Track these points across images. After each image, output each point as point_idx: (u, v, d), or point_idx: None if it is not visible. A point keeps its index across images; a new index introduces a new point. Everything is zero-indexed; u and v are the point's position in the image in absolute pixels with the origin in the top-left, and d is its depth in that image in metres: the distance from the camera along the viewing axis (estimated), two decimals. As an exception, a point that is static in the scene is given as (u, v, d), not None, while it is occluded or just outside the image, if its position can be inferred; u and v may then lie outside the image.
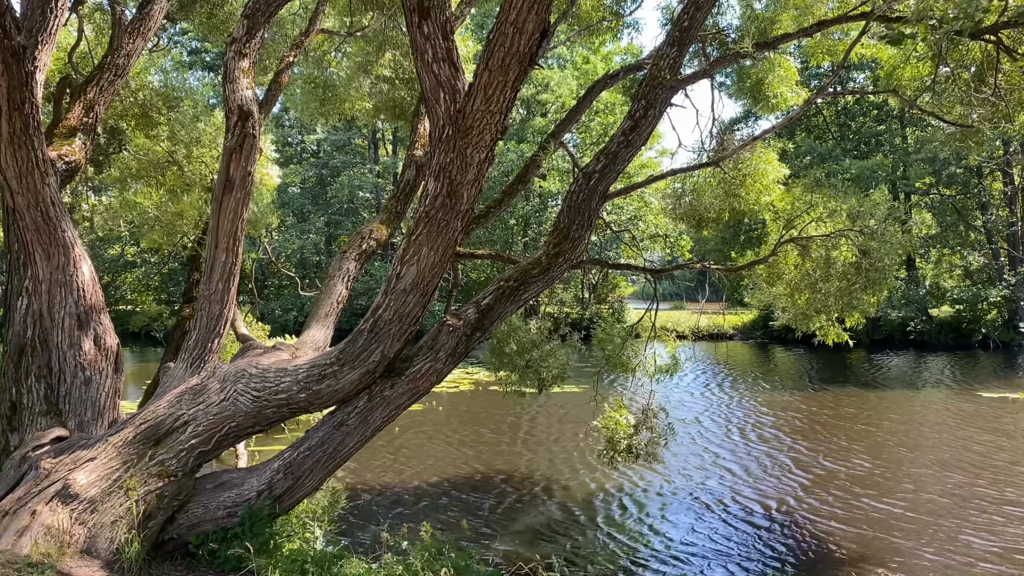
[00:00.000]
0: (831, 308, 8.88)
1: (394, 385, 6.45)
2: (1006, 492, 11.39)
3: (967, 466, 12.89)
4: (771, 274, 9.35)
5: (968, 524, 10.06)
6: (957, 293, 32.49)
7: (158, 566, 5.62)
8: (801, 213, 8.85)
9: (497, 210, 9.70)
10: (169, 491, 5.77)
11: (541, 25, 4.79)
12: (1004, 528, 9.90)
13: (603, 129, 37.74)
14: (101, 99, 8.02)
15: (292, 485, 6.32)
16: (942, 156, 30.12)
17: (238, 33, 6.68)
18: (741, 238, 34.78)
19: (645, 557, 9.23)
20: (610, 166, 6.69)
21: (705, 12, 6.67)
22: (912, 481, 12.10)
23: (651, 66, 6.71)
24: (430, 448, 14.59)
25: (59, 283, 6.39)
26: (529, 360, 9.40)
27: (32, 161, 5.80)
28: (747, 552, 9.34)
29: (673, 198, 9.90)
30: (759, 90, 10.41)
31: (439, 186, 5.54)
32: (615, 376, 19.20)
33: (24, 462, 5.72)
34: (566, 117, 10.89)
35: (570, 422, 16.79)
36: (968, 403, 18.86)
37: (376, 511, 10.78)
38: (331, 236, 41.50)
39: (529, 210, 37.80)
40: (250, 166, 6.47)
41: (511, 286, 6.74)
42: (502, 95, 5.06)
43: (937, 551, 9.16)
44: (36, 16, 6.95)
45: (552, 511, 10.86)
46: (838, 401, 19.53)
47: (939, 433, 15.65)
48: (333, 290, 8.59)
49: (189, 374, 6.43)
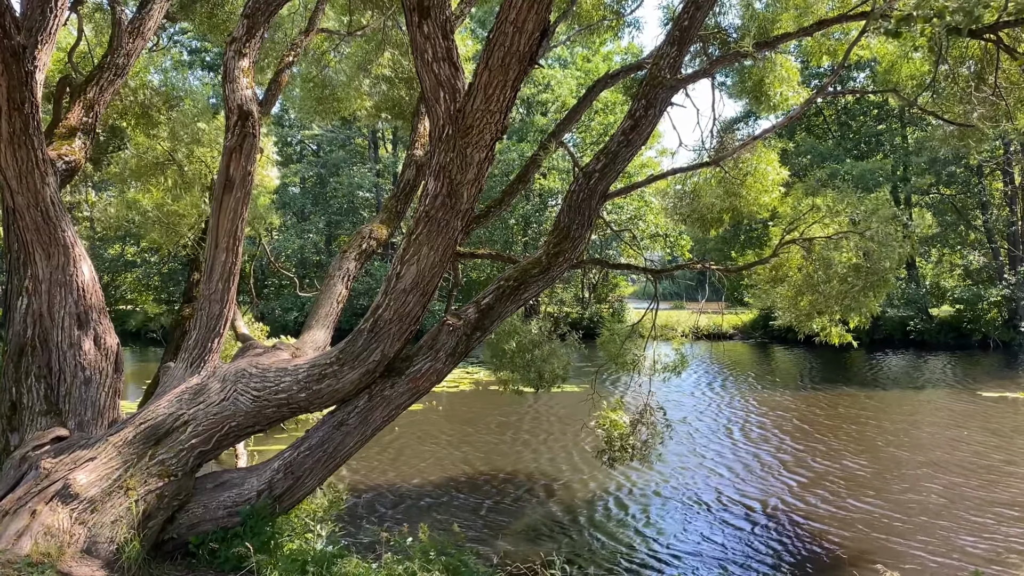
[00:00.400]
0: (833, 310, 8.87)
1: (394, 385, 6.44)
2: (1003, 492, 11.39)
3: (965, 466, 12.89)
4: (773, 277, 9.34)
5: (965, 523, 10.06)
6: (957, 293, 32.49)
7: (158, 566, 5.61)
8: (803, 215, 8.84)
9: (497, 210, 9.70)
10: (169, 491, 5.77)
11: (541, 24, 4.79)
12: (1000, 527, 9.89)
13: (603, 128, 37.74)
14: (101, 99, 8.01)
15: (292, 485, 6.32)
16: (942, 155, 30.12)
17: (238, 32, 6.68)
18: (741, 238, 34.77)
19: (645, 557, 9.23)
20: (610, 165, 6.68)
21: (705, 11, 6.67)
22: (910, 480, 12.10)
23: (651, 65, 6.71)
24: (430, 447, 14.59)
25: (59, 283, 6.38)
26: (529, 359, 9.40)
27: (32, 161, 5.80)
28: (745, 551, 9.35)
29: (673, 199, 9.89)
30: (760, 89, 10.41)
31: (439, 186, 5.54)
32: (614, 375, 19.22)
33: (24, 462, 5.71)
34: (566, 116, 10.89)
35: (570, 421, 16.79)
36: (968, 403, 18.86)
37: (376, 511, 10.78)
38: (331, 236, 41.49)
39: (529, 210, 37.80)
40: (250, 165, 6.46)
41: (511, 286, 6.74)
42: (502, 94, 5.05)
43: (934, 550, 9.16)
44: (36, 16, 6.94)
45: (552, 510, 10.86)
46: (837, 401, 19.52)
47: (938, 433, 15.65)
48: (333, 290, 8.59)
49: (189, 374, 6.43)
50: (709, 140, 10.36)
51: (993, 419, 16.72)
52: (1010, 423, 16.26)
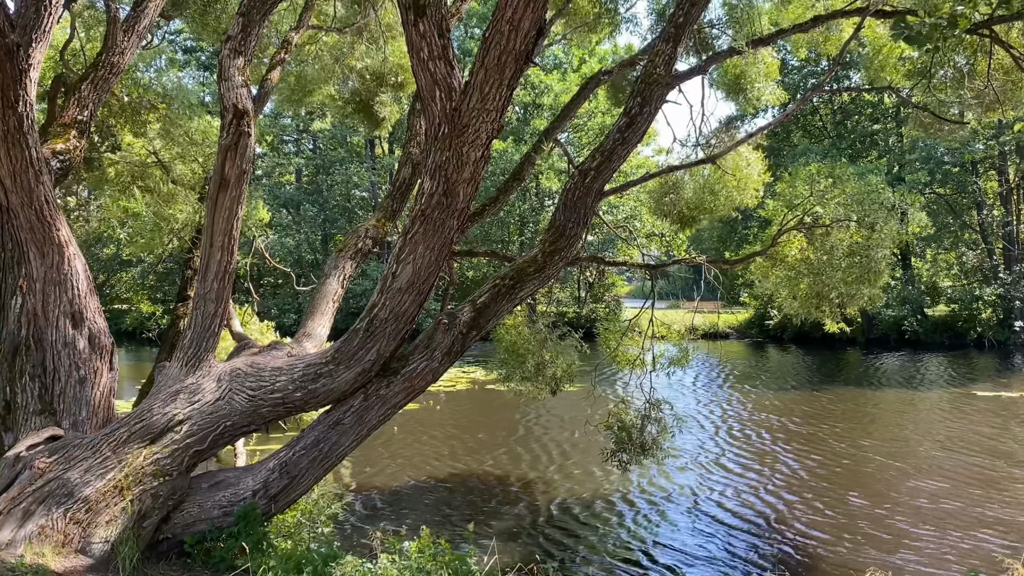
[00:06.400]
0: (831, 295, 8.80)
1: (390, 384, 6.43)
2: (998, 492, 11.42)
3: (960, 465, 12.92)
4: (772, 262, 9.26)
5: (959, 524, 10.08)
6: (952, 292, 32.55)
7: (153, 566, 5.59)
8: (803, 200, 8.79)
9: (492, 207, 9.69)
10: (164, 490, 5.75)
11: (537, 23, 4.78)
12: (995, 528, 9.92)
13: (600, 128, 37.76)
14: (96, 97, 7.98)
15: (288, 484, 6.30)
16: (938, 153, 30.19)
17: (233, 31, 6.65)
18: (736, 237, 34.82)
19: (644, 557, 9.23)
20: (606, 163, 6.67)
21: (700, 8, 6.66)
22: (904, 480, 12.12)
23: (647, 63, 6.70)
24: (428, 447, 14.57)
25: (54, 282, 6.36)
26: (539, 363, 9.36)
27: (26, 159, 5.77)
28: (739, 551, 9.36)
29: (658, 193, 9.90)
30: (739, 84, 10.41)
31: (435, 184, 5.53)
32: (613, 375, 19.22)
33: (18, 462, 5.68)
34: (561, 114, 10.89)
35: (569, 421, 16.80)
36: (963, 402, 18.90)
37: (373, 511, 10.77)
38: (327, 235, 41.43)
39: (526, 209, 37.79)
40: (245, 164, 6.43)
41: (507, 284, 6.73)
42: (498, 93, 5.04)
43: (928, 550, 9.18)
44: (30, 14, 6.90)
45: (551, 510, 10.85)
46: (832, 400, 19.56)
47: (932, 432, 15.69)
48: (329, 288, 8.57)
49: (185, 373, 6.40)
50: (697, 135, 10.39)
51: (988, 419, 16.76)
52: (1005, 423, 16.30)
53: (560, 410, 17.97)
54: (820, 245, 8.65)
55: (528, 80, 37.83)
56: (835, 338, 33.90)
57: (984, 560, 8.79)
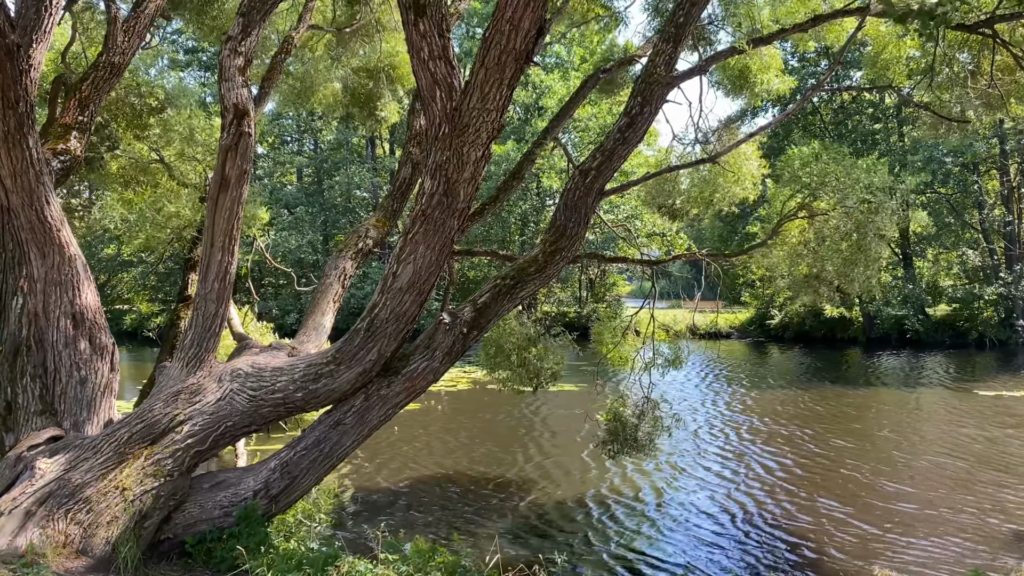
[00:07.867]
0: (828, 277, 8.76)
1: (391, 384, 6.43)
2: (1000, 491, 11.40)
3: (961, 464, 12.90)
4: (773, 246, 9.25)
5: (961, 523, 10.06)
6: (953, 292, 32.50)
7: (154, 566, 5.59)
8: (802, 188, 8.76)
9: (492, 206, 9.69)
10: (165, 491, 5.75)
11: (537, 22, 4.78)
12: (997, 528, 9.90)
13: (601, 129, 37.73)
14: (96, 97, 7.98)
15: (289, 485, 6.30)
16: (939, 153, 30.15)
17: (234, 31, 6.65)
18: (737, 237, 34.80)
19: (643, 557, 9.22)
20: (606, 163, 6.67)
21: (701, 7, 6.66)
22: (906, 480, 12.11)
23: (647, 62, 6.70)
24: (429, 447, 14.57)
25: (54, 282, 6.37)
26: (524, 358, 9.40)
27: (27, 160, 5.78)
28: (738, 551, 9.34)
29: (654, 189, 9.90)
30: (744, 77, 10.41)
31: (435, 184, 5.53)
32: (612, 375, 19.24)
33: (19, 462, 5.69)
34: (560, 112, 10.88)
35: (568, 420, 16.78)
36: (964, 401, 18.89)
37: (373, 511, 10.76)
38: (328, 235, 41.42)
39: (527, 208, 37.77)
40: (246, 164, 6.44)
41: (507, 284, 6.73)
42: (498, 93, 5.04)
43: (930, 550, 9.16)
44: (30, 14, 6.91)
45: (551, 510, 10.84)
46: (833, 400, 19.55)
47: (933, 431, 15.67)
48: (329, 288, 8.57)
49: (185, 373, 6.40)
50: (696, 132, 10.38)
51: (989, 418, 16.75)
52: (1006, 422, 16.29)
53: (560, 410, 17.96)
54: (819, 228, 8.63)
55: (529, 80, 37.83)
56: (836, 338, 33.95)
57: (986, 560, 8.77)
